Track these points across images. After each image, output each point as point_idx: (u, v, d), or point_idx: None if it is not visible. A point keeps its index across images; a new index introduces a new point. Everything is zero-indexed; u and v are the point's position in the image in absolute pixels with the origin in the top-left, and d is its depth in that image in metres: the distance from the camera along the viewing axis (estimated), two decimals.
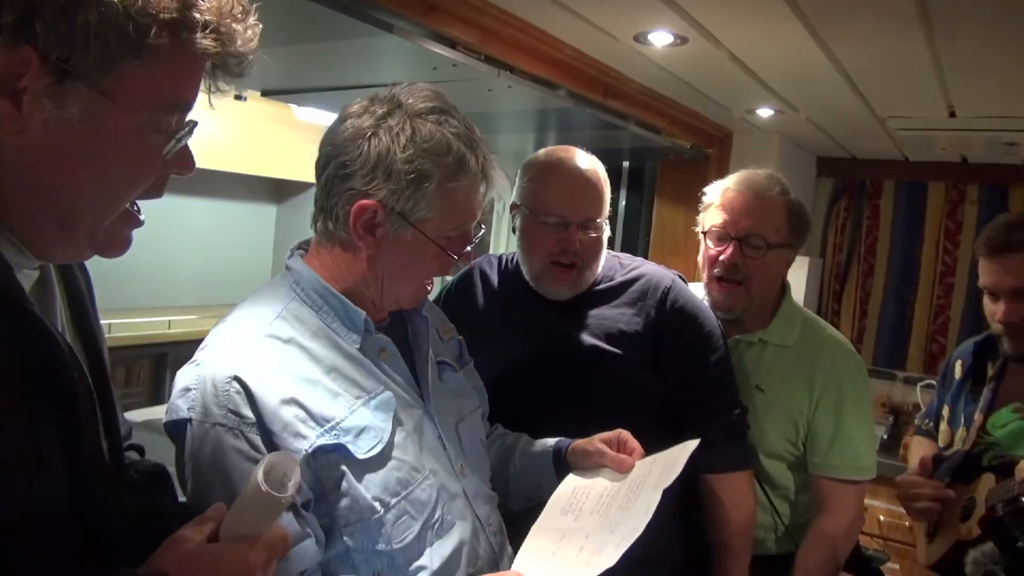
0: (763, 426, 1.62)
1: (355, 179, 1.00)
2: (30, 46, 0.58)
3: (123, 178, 0.66)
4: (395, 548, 1.00)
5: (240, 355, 0.97)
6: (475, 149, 1.03)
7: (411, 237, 1.02)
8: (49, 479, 0.61)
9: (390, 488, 1.00)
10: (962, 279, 3.17)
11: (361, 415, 1.00)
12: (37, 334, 0.62)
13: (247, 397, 0.94)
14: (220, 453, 0.93)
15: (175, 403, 0.97)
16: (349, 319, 1.05)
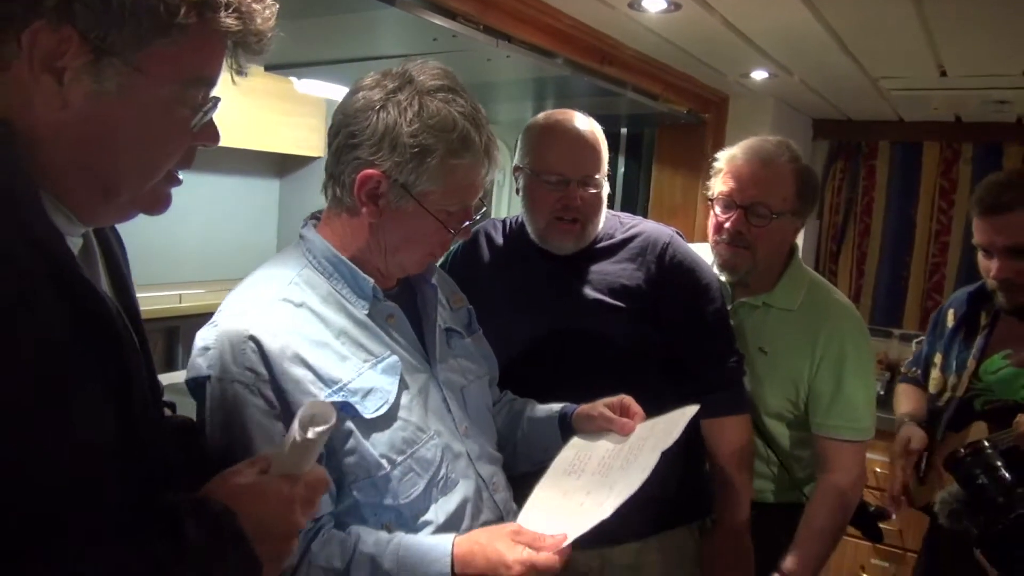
0: (765, 386, 1.68)
1: (362, 148, 1.05)
2: (71, 26, 0.63)
3: (156, 148, 0.72)
4: (402, 503, 1.07)
5: (255, 317, 1.03)
6: (480, 128, 1.08)
7: (412, 209, 1.07)
8: (103, 429, 0.67)
9: (396, 446, 1.06)
10: (957, 237, 3.22)
11: (368, 377, 1.06)
12: (89, 297, 0.67)
13: (261, 356, 1.00)
14: (238, 407, 0.99)
15: (195, 361, 1.03)
16: (358, 286, 1.10)
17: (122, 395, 0.69)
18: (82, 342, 0.65)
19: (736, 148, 1.67)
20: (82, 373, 0.65)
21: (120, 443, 0.68)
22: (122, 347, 0.70)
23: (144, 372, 0.75)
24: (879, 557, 2.80)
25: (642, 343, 1.52)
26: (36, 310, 0.61)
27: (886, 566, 2.79)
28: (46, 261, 0.64)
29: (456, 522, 1.12)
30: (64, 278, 0.65)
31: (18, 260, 0.61)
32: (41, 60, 0.63)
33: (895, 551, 2.77)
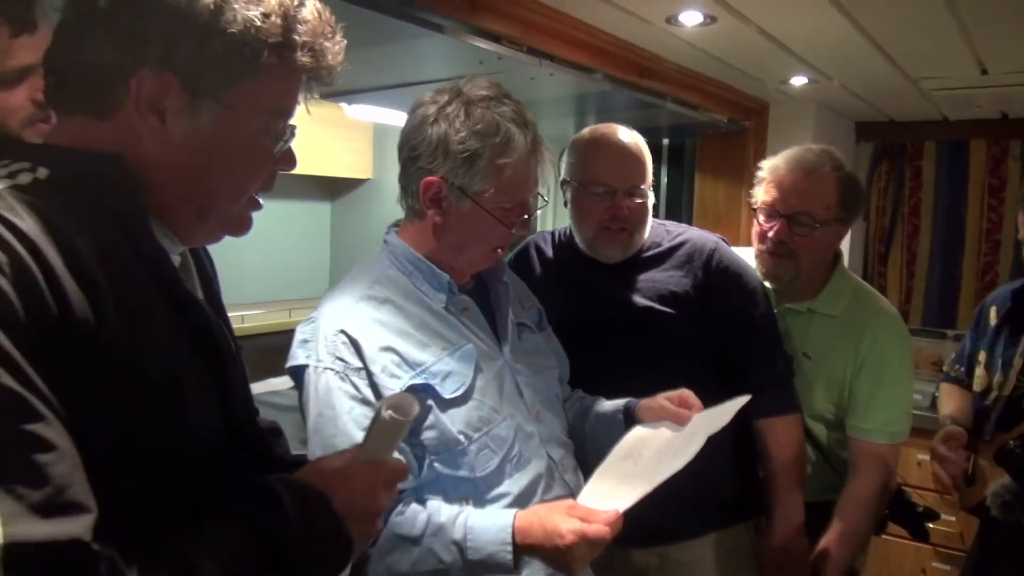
0: (809, 390, 1.71)
1: (422, 159, 1.18)
2: (171, 72, 0.72)
3: (244, 174, 0.80)
4: (478, 476, 1.17)
5: (345, 312, 1.17)
6: (524, 129, 1.19)
7: (470, 208, 1.19)
8: (212, 422, 0.76)
9: (472, 424, 1.17)
10: (1009, 235, 3.17)
11: (446, 363, 1.18)
12: (192, 308, 0.76)
13: (351, 346, 1.14)
14: (331, 392, 1.13)
15: (295, 352, 1.20)
16: (435, 280, 1.23)
17: (222, 394, 0.78)
18: (189, 347, 0.74)
19: (779, 158, 1.70)
20: (192, 374, 0.73)
21: (225, 436, 0.77)
22: (221, 352, 0.79)
23: (240, 375, 0.84)
24: (940, 560, 2.77)
25: (693, 347, 1.58)
26: (155, 319, 0.70)
27: (947, 569, 2.76)
28: (156, 276, 0.73)
29: (528, 496, 1.21)
30: (171, 291, 0.74)
31: (137, 275, 0.70)
32: (147, 102, 0.72)
33: (956, 554, 2.73)
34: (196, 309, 0.77)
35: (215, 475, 0.75)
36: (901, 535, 2.71)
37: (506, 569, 1.10)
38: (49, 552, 0.55)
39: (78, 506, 0.58)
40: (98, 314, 0.64)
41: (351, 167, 3.73)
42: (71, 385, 0.61)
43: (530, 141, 1.19)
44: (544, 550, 1.09)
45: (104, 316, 0.64)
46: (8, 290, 0.59)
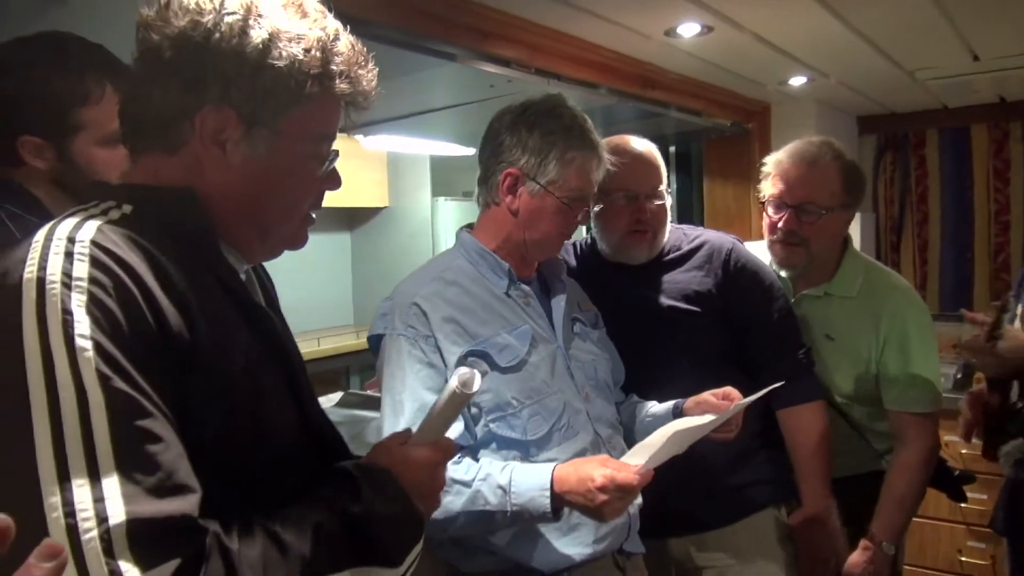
0: (835, 370, 1.78)
1: (503, 154, 1.39)
2: (229, 106, 0.80)
3: (296, 195, 0.88)
4: (529, 439, 1.31)
5: (418, 289, 1.36)
6: (589, 132, 1.39)
7: (542, 195, 1.37)
8: (288, 417, 0.85)
9: (524, 392, 1.32)
10: (1017, 215, 3.22)
11: (504, 338, 1.35)
12: (262, 318, 0.85)
13: (421, 316, 1.32)
14: (401, 355, 1.31)
15: (375, 323, 1.39)
16: (498, 268, 1.41)
17: (295, 395, 0.86)
18: (263, 353, 0.83)
19: (782, 152, 1.79)
20: (268, 377, 0.82)
21: (301, 432, 0.86)
22: (290, 358, 0.87)
23: (306, 374, 0.92)
24: (975, 539, 2.79)
25: (717, 342, 1.66)
26: (234, 330, 0.80)
27: (983, 547, 2.78)
28: (230, 293, 0.82)
29: None
30: (244, 305, 0.83)
31: (215, 292, 0.79)
32: (210, 136, 0.80)
33: (989, 531, 2.76)
34: (266, 320, 0.85)
35: (296, 465, 0.84)
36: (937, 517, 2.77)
37: (544, 513, 1.21)
38: (164, 525, 0.64)
39: (185, 487, 0.67)
40: (190, 326, 0.72)
41: (368, 197, 3.82)
42: (172, 387, 0.70)
43: (594, 142, 1.39)
44: (577, 495, 1.19)
45: (195, 328, 0.73)
46: (114, 307, 0.68)
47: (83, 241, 0.70)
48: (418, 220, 3.86)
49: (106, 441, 0.64)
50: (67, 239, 0.70)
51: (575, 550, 1.32)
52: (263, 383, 0.81)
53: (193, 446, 0.70)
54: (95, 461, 0.63)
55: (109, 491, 0.63)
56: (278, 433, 0.82)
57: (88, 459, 0.63)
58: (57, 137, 1.11)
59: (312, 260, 3.78)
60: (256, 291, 0.96)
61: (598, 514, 1.18)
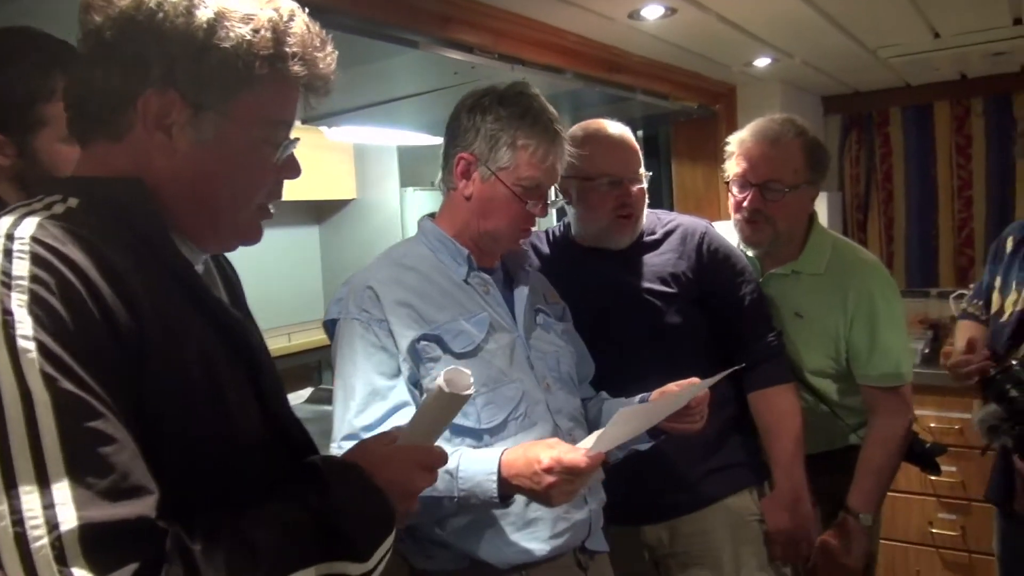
0: (806, 348, 1.80)
1: (458, 140, 1.37)
2: (173, 89, 0.77)
3: (248, 182, 0.85)
4: (483, 427, 1.29)
5: (374, 273, 1.35)
6: (545, 118, 1.35)
7: (493, 183, 1.35)
8: (251, 415, 0.82)
9: (479, 379, 1.26)
10: (980, 190, 3.27)
11: (460, 324, 1.33)
12: (220, 311, 0.82)
13: (375, 300, 1.31)
14: (354, 339, 1.30)
15: (330, 308, 1.37)
16: (457, 255, 1.39)
17: (258, 389, 0.84)
18: (221, 346, 0.80)
19: (744, 131, 1.79)
20: (227, 371, 0.80)
21: (265, 427, 0.83)
22: (251, 349, 0.84)
23: (272, 370, 0.89)
24: (945, 511, 2.84)
25: (691, 324, 1.67)
26: (188, 323, 0.77)
27: (953, 518, 2.83)
28: (184, 285, 0.79)
29: None
30: (199, 297, 0.80)
31: (167, 285, 0.76)
32: (154, 120, 0.78)
33: (960, 502, 2.81)
34: (223, 313, 0.83)
35: (261, 462, 0.81)
36: (908, 490, 2.81)
37: (491, 498, 1.18)
38: (119, 529, 0.62)
39: (141, 489, 0.64)
40: (139, 322, 0.70)
41: (335, 189, 3.76)
42: (125, 385, 0.68)
43: (552, 131, 1.35)
44: (524, 478, 1.16)
45: (144, 323, 0.70)
46: (57, 306, 0.65)
47: (23, 238, 0.67)
48: (387, 211, 3.79)
49: (55, 444, 0.62)
50: (5, 236, 0.67)
51: (532, 545, 1.29)
52: (221, 377, 0.78)
53: (151, 444, 0.68)
54: (44, 466, 0.61)
55: (60, 497, 0.60)
56: (240, 429, 0.80)
57: (36, 464, 0.61)
58: (19, 133, 1.07)
59: (280, 255, 3.72)
60: (216, 284, 0.93)
61: (545, 498, 1.15)
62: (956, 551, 2.83)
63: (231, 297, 0.95)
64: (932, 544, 2.87)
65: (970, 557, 2.81)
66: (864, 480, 1.74)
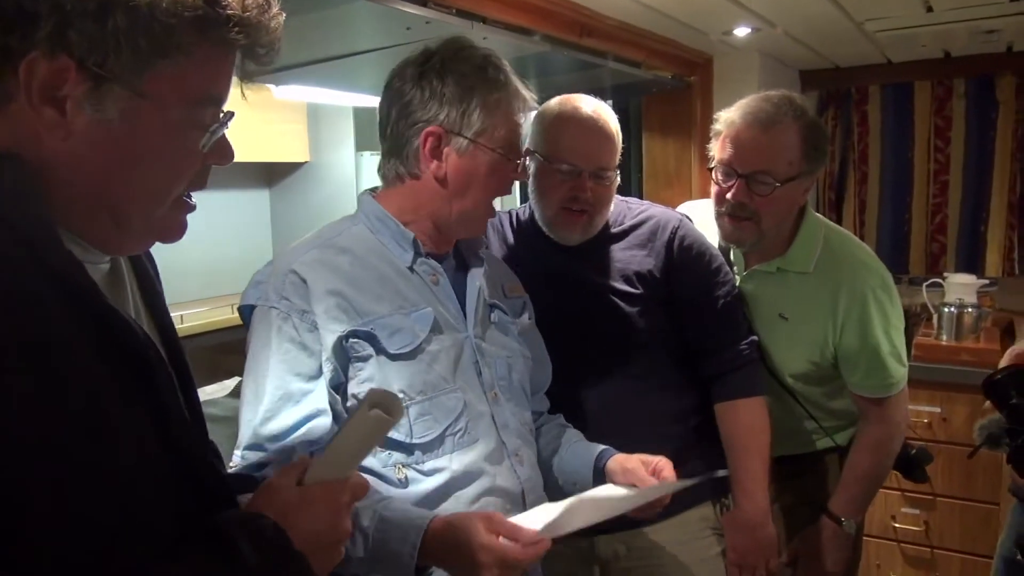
0: (788, 351, 1.66)
1: (416, 113, 1.18)
2: (66, 55, 0.61)
3: (165, 173, 0.70)
4: (415, 442, 1.12)
5: (300, 256, 1.16)
6: (503, 69, 1.20)
7: (472, 152, 1.18)
8: (146, 448, 0.66)
9: (415, 386, 1.12)
10: (956, 176, 3.17)
11: (398, 320, 1.15)
12: (114, 322, 0.66)
13: (300, 287, 1.12)
14: (270, 331, 1.11)
15: (247, 292, 1.18)
16: (401, 238, 1.21)
17: (159, 419, 0.68)
18: (112, 370, 0.64)
19: (735, 110, 1.58)
20: (117, 402, 0.64)
21: (167, 464, 0.68)
22: (153, 371, 0.68)
23: (178, 393, 0.74)
24: (909, 505, 2.78)
25: (656, 328, 1.52)
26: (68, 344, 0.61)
27: (917, 513, 2.78)
28: (67, 293, 0.62)
29: (471, 477, 1.15)
30: (87, 309, 0.64)
31: (42, 295, 0.60)
32: (40, 91, 0.62)
33: (924, 497, 2.76)
34: (119, 325, 0.66)
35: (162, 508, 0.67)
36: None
37: (405, 572, 1.02)
38: None
39: None
40: None
41: (287, 151, 3.59)
42: None
43: (512, 81, 1.20)
44: (452, 561, 1.01)
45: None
46: None
47: None
48: (341, 176, 3.63)
49: None
50: None
51: None
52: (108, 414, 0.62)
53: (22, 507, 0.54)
54: None
55: None
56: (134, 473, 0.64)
57: None
58: None
59: (227, 218, 3.54)
60: (121, 286, 0.76)
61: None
62: (919, 546, 2.78)
63: (147, 299, 0.79)
64: (894, 538, 2.81)
65: (932, 552, 2.76)
66: (851, 486, 1.65)
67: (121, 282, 0.77)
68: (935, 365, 2.70)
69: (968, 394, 2.65)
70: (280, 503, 0.72)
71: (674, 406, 1.56)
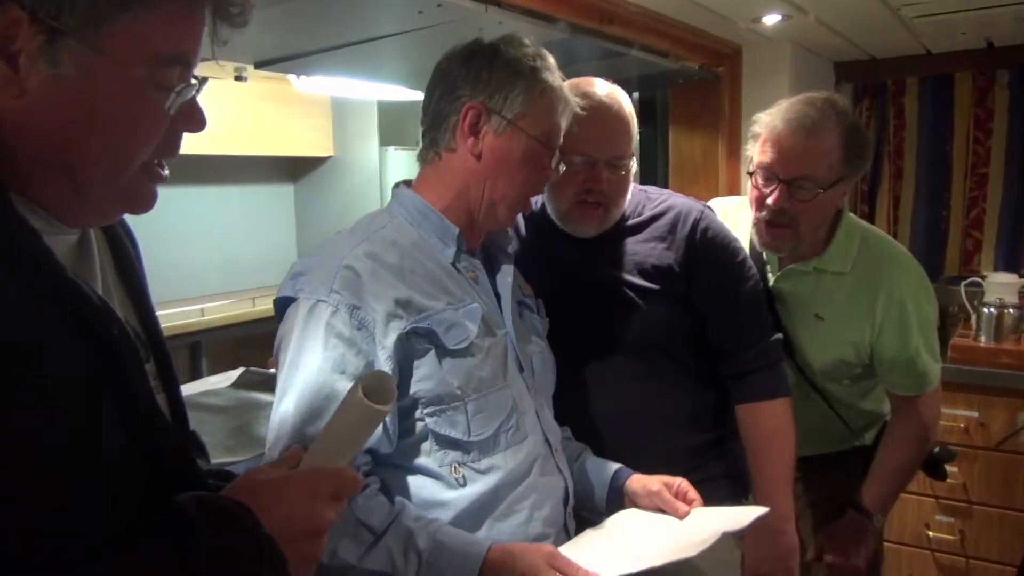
0: (821, 350, 1.63)
1: (461, 90, 1.17)
2: (18, 6, 0.58)
3: (127, 136, 0.66)
4: (473, 439, 1.09)
5: (350, 249, 1.11)
6: (551, 70, 1.19)
7: (510, 134, 1.16)
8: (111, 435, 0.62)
9: (472, 383, 1.09)
10: (997, 168, 3.03)
11: (451, 315, 1.12)
12: (72, 295, 0.62)
13: (355, 280, 1.07)
14: (318, 325, 1.05)
15: (286, 283, 1.13)
16: (445, 233, 1.18)
17: (125, 396, 0.64)
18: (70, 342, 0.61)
19: (776, 115, 1.53)
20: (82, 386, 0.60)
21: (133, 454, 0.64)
22: (116, 350, 0.64)
23: (148, 378, 0.70)
24: (943, 513, 2.67)
25: (676, 325, 1.46)
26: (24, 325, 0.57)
27: (951, 521, 2.67)
28: (25, 269, 0.59)
29: (523, 475, 1.13)
30: (51, 284, 0.60)
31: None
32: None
33: (959, 505, 2.65)
34: (78, 301, 0.62)
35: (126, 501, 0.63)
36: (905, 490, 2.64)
37: None
38: None
39: None
40: None
41: (311, 146, 3.60)
42: None
43: (559, 80, 1.20)
44: None
45: None
46: None
47: None
48: (366, 171, 3.63)
49: None
50: None
51: None
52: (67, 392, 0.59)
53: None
54: None
55: None
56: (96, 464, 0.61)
57: None
58: None
59: (251, 213, 3.57)
60: (87, 261, 0.71)
61: None
62: (953, 555, 2.67)
63: (122, 275, 0.76)
64: (928, 547, 2.70)
65: (967, 562, 2.65)
66: (881, 480, 1.66)
67: (89, 255, 0.72)
68: (973, 368, 2.60)
69: (1007, 398, 2.54)
70: (253, 486, 0.68)
71: (692, 407, 1.50)
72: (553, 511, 1.17)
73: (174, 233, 2.98)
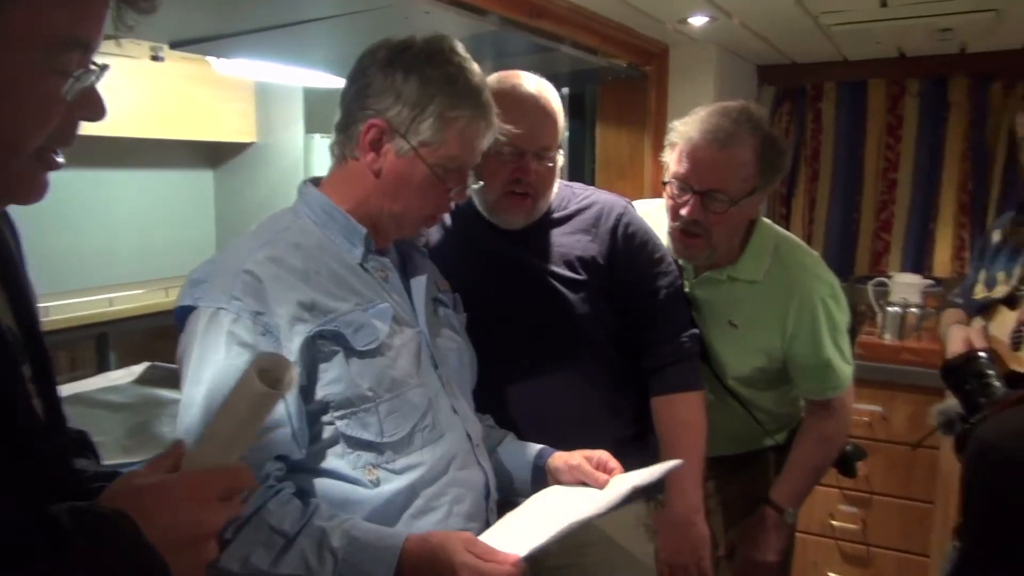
0: (735, 356, 1.66)
1: (369, 100, 1.13)
2: None
3: (19, 122, 0.62)
4: (386, 441, 1.07)
5: (251, 253, 1.08)
6: (480, 88, 1.14)
7: (411, 159, 1.12)
8: None
9: (384, 384, 1.07)
10: (906, 173, 3.17)
11: (359, 316, 1.10)
12: None
13: (256, 286, 1.04)
14: (219, 334, 1.02)
15: (184, 292, 1.09)
16: (352, 233, 1.15)
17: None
18: None
19: (692, 126, 1.54)
20: None
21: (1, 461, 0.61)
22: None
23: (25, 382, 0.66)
24: (847, 503, 2.79)
25: (599, 318, 1.48)
26: None
27: (855, 511, 2.79)
28: None
29: (442, 470, 1.12)
30: None
31: None
32: None
33: (862, 495, 2.77)
34: None
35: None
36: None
37: None
38: None
39: None
40: None
41: (233, 131, 3.47)
42: None
43: (483, 102, 1.14)
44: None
45: None
46: None
47: None
48: (290, 158, 3.53)
49: None
50: None
51: None
52: None
53: None
54: None
55: None
56: None
57: None
58: None
59: (169, 199, 3.42)
60: None
61: None
62: (855, 543, 2.80)
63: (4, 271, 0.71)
64: (832, 535, 2.82)
65: (868, 550, 2.78)
66: (795, 477, 1.68)
67: None
68: (878, 364, 2.72)
69: (909, 393, 2.66)
70: (134, 491, 0.64)
71: (614, 401, 1.53)
72: (473, 506, 1.17)
73: (83, 219, 2.84)
